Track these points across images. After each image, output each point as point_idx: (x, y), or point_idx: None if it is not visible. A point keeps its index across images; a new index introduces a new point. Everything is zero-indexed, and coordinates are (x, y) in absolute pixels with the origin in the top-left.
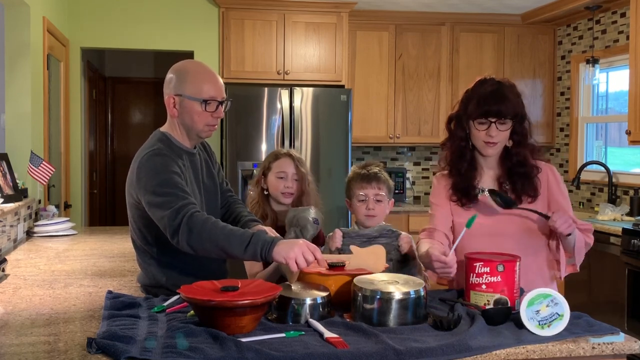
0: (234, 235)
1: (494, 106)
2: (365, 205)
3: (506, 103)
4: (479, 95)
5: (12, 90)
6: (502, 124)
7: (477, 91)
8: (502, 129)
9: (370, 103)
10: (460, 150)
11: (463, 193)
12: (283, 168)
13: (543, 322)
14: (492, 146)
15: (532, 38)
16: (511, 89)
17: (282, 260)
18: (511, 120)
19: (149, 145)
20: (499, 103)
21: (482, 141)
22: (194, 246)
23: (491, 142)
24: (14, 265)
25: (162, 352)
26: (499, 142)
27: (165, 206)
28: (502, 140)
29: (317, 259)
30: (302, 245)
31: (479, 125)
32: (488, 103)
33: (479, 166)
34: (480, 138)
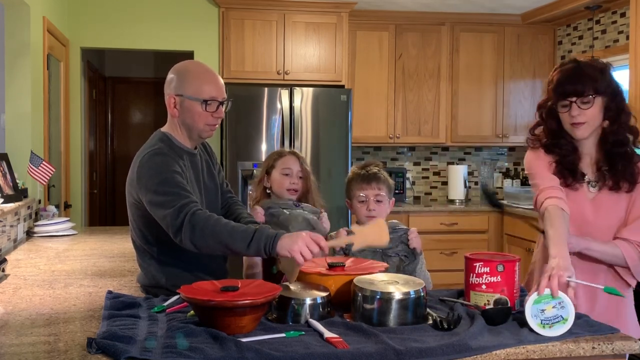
0: (237, 231)
1: (570, 85)
2: (366, 206)
3: (583, 80)
4: (556, 77)
5: (12, 90)
6: (584, 102)
7: (556, 74)
8: (584, 107)
9: (370, 103)
10: (556, 134)
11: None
12: (288, 165)
13: (545, 322)
14: (579, 127)
15: (532, 38)
16: (591, 65)
17: (286, 253)
18: (594, 97)
19: (149, 145)
20: (575, 81)
21: (569, 124)
22: (197, 244)
23: (576, 122)
24: (14, 265)
25: (162, 352)
26: (586, 121)
27: (167, 205)
28: (589, 119)
29: (322, 246)
30: (305, 237)
31: (562, 108)
32: (564, 83)
33: (578, 150)
34: (566, 121)
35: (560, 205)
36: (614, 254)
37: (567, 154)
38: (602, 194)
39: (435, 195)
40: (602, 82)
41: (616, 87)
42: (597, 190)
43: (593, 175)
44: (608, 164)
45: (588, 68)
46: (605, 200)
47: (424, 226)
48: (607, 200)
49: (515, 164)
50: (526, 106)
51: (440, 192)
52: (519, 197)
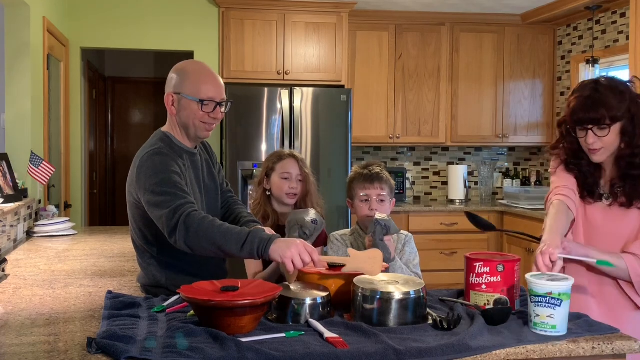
0: (231, 233)
1: (586, 114)
2: (368, 205)
3: (600, 108)
4: (574, 104)
5: (12, 90)
6: (601, 129)
7: (574, 100)
8: (601, 135)
9: (370, 103)
10: (574, 152)
11: (587, 189)
12: (287, 169)
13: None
14: (595, 153)
15: (532, 38)
16: (613, 89)
17: (278, 259)
18: (611, 125)
19: (149, 145)
20: (590, 110)
21: (586, 148)
22: (191, 245)
23: (592, 149)
24: (14, 265)
25: (162, 352)
26: (603, 147)
27: (163, 205)
28: (606, 145)
29: (314, 260)
30: (299, 245)
31: (579, 132)
32: (579, 111)
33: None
34: (584, 145)
35: (565, 201)
36: (619, 267)
37: (587, 176)
38: (613, 207)
39: (435, 195)
40: (619, 108)
41: (636, 110)
42: (609, 204)
43: (608, 190)
44: (622, 183)
45: (606, 93)
46: (615, 212)
47: (424, 226)
48: (617, 212)
49: (515, 164)
50: (526, 106)
51: (440, 192)
52: (519, 197)
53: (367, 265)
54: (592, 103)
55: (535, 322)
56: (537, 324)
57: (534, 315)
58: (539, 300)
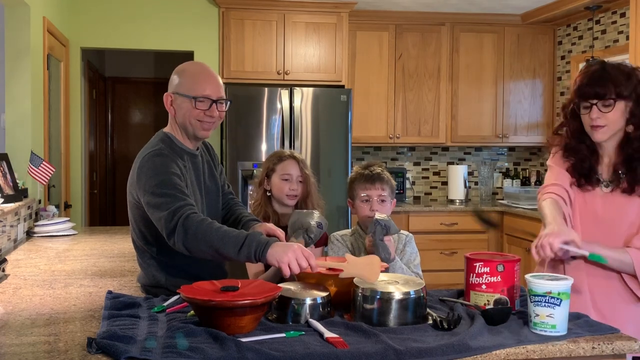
0: (228, 236)
1: (592, 88)
2: (369, 206)
3: (607, 83)
4: (580, 79)
5: (12, 90)
6: (606, 105)
7: (580, 76)
8: (605, 111)
9: (370, 103)
10: (577, 135)
11: (584, 177)
12: (288, 170)
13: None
14: (598, 130)
15: (532, 38)
16: (620, 69)
17: (274, 263)
18: (616, 101)
19: (150, 146)
20: (597, 84)
21: (589, 125)
22: (189, 247)
23: (595, 125)
24: (14, 265)
25: (162, 352)
26: (606, 125)
27: (162, 207)
28: (609, 123)
29: (311, 265)
30: (296, 249)
31: (583, 110)
32: (586, 85)
33: (598, 152)
34: (587, 122)
35: (557, 200)
36: (623, 261)
37: (584, 159)
38: (614, 194)
39: (435, 195)
40: (626, 87)
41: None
42: (610, 190)
43: (608, 176)
44: (626, 167)
45: (613, 71)
46: (616, 199)
47: (424, 226)
48: (618, 199)
49: (515, 164)
50: (526, 106)
51: (440, 192)
52: (519, 197)
53: (364, 271)
54: (598, 77)
55: (535, 322)
56: (536, 323)
57: (533, 315)
58: (538, 300)
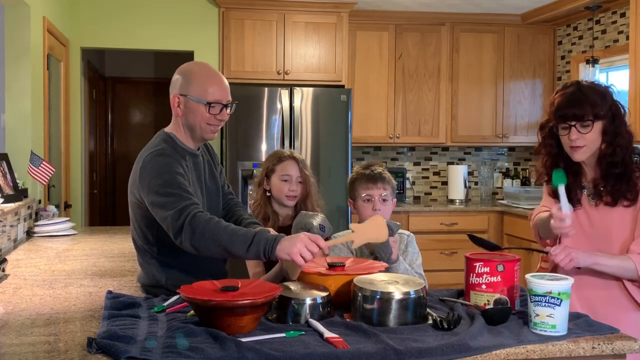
0: (237, 234)
1: (570, 109)
2: (372, 206)
3: (584, 104)
4: (558, 101)
5: (12, 90)
6: (584, 126)
7: (557, 97)
8: (583, 132)
9: (370, 103)
10: (553, 158)
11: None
12: (287, 171)
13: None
14: (577, 150)
15: (532, 38)
16: (595, 90)
17: (286, 256)
18: (594, 121)
19: (153, 145)
20: (574, 106)
21: (568, 146)
22: (196, 246)
23: (574, 146)
24: (14, 265)
25: (162, 352)
26: (585, 145)
27: (168, 206)
28: (588, 143)
29: (321, 247)
30: (303, 238)
31: (562, 131)
32: (563, 107)
33: (580, 168)
34: (566, 143)
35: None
36: (626, 268)
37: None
38: (599, 208)
39: (435, 195)
40: (602, 107)
41: (616, 110)
42: (595, 204)
43: (593, 190)
44: (605, 183)
45: (589, 92)
46: (602, 210)
47: (424, 226)
48: (604, 211)
49: (515, 164)
50: (526, 106)
51: (440, 192)
52: (519, 197)
53: (373, 233)
54: (576, 99)
55: (535, 322)
56: (537, 323)
57: (533, 315)
58: (538, 300)
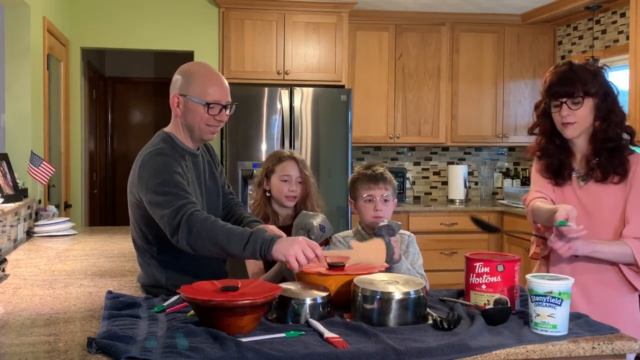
0: (233, 233)
1: (561, 87)
2: (373, 206)
3: (574, 82)
4: (550, 79)
5: (12, 90)
6: (575, 103)
7: (549, 76)
8: (574, 108)
9: (370, 103)
10: (547, 135)
11: (555, 173)
12: (287, 171)
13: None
14: (569, 127)
15: (532, 38)
16: (583, 68)
17: (281, 257)
18: (584, 98)
19: (152, 145)
20: (565, 82)
21: (560, 123)
22: (193, 245)
23: (566, 122)
24: (14, 265)
25: (162, 352)
26: (575, 121)
27: (165, 205)
28: (578, 120)
29: (317, 255)
30: (301, 242)
31: (554, 108)
32: (555, 84)
33: (570, 149)
34: (558, 120)
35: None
36: (623, 253)
37: (554, 157)
38: (590, 185)
39: (435, 195)
40: (593, 85)
41: (608, 89)
42: (585, 183)
43: (583, 170)
44: (597, 158)
45: (580, 70)
46: (592, 190)
47: (424, 226)
48: (594, 190)
49: (515, 164)
50: (526, 106)
51: (440, 192)
52: (519, 197)
53: (371, 256)
54: (567, 77)
55: (535, 322)
56: (537, 323)
57: (534, 315)
58: (539, 300)
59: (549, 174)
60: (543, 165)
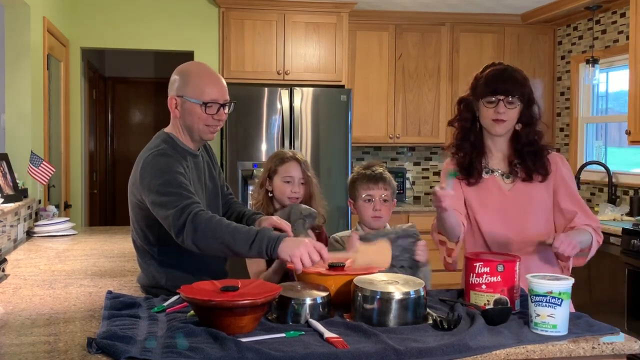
0: (239, 232)
1: (502, 84)
2: (372, 206)
3: (513, 83)
4: (488, 75)
5: (12, 90)
6: (510, 102)
7: (486, 72)
8: (510, 107)
9: (370, 103)
10: (464, 131)
11: (467, 172)
12: (290, 172)
13: (538, 323)
14: (501, 124)
15: (532, 38)
16: (519, 72)
17: (287, 258)
18: (519, 102)
19: (153, 146)
20: (506, 81)
21: (491, 119)
22: (199, 245)
23: (499, 119)
24: (14, 265)
25: (162, 352)
26: (507, 120)
27: (169, 205)
28: (510, 119)
29: (323, 258)
30: (308, 244)
31: (487, 104)
32: (496, 81)
33: (486, 148)
34: (488, 116)
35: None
36: (588, 239)
37: (466, 155)
38: (518, 184)
39: None
40: (525, 90)
41: (533, 98)
42: (512, 181)
43: (506, 169)
44: (519, 159)
45: (517, 74)
46: (522, 189)
47: (424, 226)
48: (524, 189)
49: None
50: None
51: None
52: None
53: (377, 257)
54: (508, 76)
55: (536, 322)
56: (537, 323)
57: (534, 315)
58: (539, 300)
59: (462, 172)
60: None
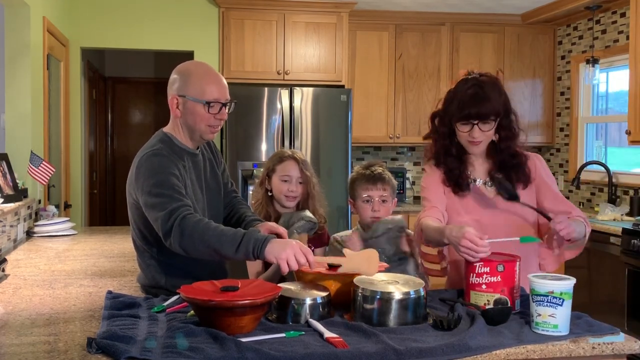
0: (225, 235)
1: (475, 109)
2: (371, 206)
3: (487, 104)
4: (460, 97)
5: (12, 90)
6: (485, 124)
7: (459, 92)
8: (485, 129)
9: (370, 103)
10: (445, 148)
11: (456, 184)
12: (287, 171)
13: (539, 323)
14: (477, 145)
15: (532, 38)
16: (493, 86)
17: (273, 259)
18: (494, 120)
19: (149, 146)
20: (479, 105)
21: (466, 140)
22: (185, 248)
23: (474, 142)
24: (14, 265)
25: (162, 352)
26: (483, 140)
27: (159, 207)
28: (485, 139)
29: (309, 261)
30: (294, 246)
31: (461, 127)
32: (468, 106)
33: (468, 158)
34: (464, 138)
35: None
36: (582, 230)
37: (453, 168)
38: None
39: None
40: (502, 105)
41: (509, 107)
42: (495, 189)
43: (486, 179)
44: (502, 172)
45: (488, 89)
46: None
47: None
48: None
49: None
50: (526, 106)
51: None
52: None
53: (363, 265)
54: (479, 99)
55: (537, 322)
56: (538, 323)
57: (535, 315)
58: (540, 300)
59: (449, 183)
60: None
